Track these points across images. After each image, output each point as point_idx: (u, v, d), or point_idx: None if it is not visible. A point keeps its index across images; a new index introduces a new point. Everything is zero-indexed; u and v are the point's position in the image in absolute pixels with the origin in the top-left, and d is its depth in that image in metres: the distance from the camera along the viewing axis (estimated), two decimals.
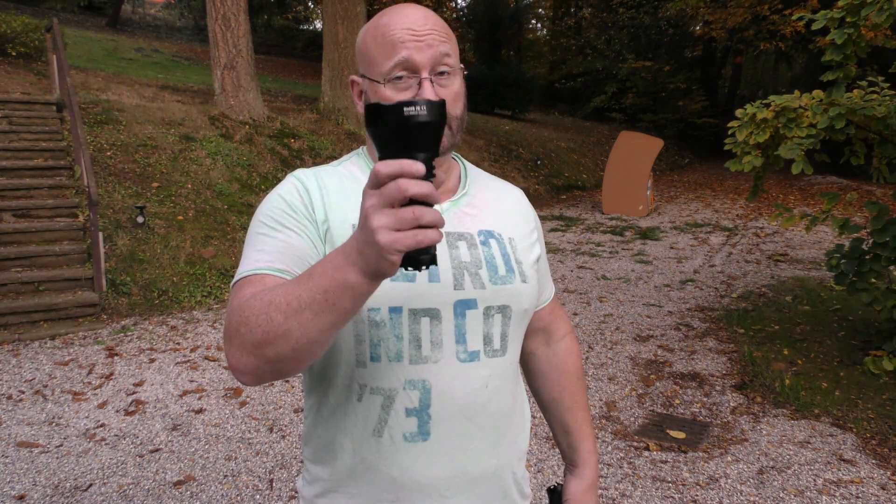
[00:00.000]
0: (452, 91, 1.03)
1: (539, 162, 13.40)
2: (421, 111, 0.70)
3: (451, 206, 1.10)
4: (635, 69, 19.47)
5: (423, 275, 1.01)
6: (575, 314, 5.65)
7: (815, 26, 4.23)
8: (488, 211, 1.14)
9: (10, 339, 4.79)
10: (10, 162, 6.27)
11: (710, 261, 7.77)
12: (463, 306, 1.03)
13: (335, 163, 1.15)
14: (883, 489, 3.07)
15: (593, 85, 21.00)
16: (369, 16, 12.88)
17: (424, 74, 1.00)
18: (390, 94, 1.01)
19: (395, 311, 1.00)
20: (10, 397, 3.92)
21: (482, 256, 1.07)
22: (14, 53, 10.03)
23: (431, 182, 0.71)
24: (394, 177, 0.66)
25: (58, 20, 8.52)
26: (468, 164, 1.21)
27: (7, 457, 3.27)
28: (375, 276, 0.71)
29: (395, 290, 0.99)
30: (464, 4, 25.78)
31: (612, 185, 10.90)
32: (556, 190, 12.81)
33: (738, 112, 5.02)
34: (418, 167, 0.67)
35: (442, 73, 1.02)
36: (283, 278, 0.92)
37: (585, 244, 8.59)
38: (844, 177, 13.92)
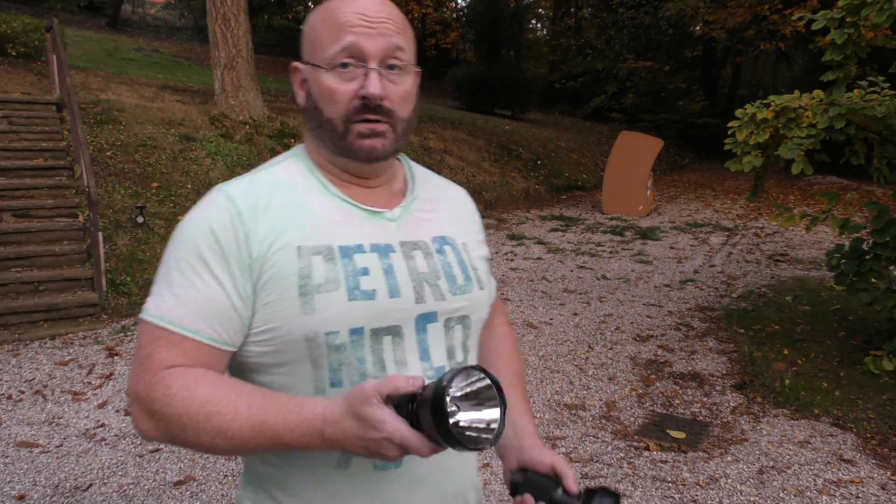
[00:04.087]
0: (401, 89, 0.96)
1: (539, 162, 13.40)
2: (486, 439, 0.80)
3: (403, 212, 1.02)
4: (635, 69, 19.45)
5: (383, 290, 0.94)
6: (575, 314, 5.65)
7: (815, 26, 4.23)
8: (439, 215, 1.07)
9: (10, 339, 4.79)
10: (10, 162, 6.27)
11: (710, 261, 7.77)
12: (424, 320, 0.97)
13: (270, 164, 1.03)
14: (883, 489, 3.07)
15: (593, 85, 20.98)
16: None
17: (373, 65, 0.93)
18: (333, 84, 0.94)
19: (355, 332, 0.92)
20: (10, 397, 3.92)
21: (439, 266, 1.00)
22: (14, 53, 10.02)
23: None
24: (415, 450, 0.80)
25: (58, 20, 8.52)
26: (412, 164, 1.13)
27: (7, 457, 3.27)
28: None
29: (355, 310, 0.92)
30: (464, 4, 25.78)
31: (612, 185, 10.90)
32: (556, 190, 12.81)
33: (738, 112, 5.02)
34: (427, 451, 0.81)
35: (392, 68, 0.94)
36: (201, 342, 0.90)
37: (585, 244, 8.59)
38: (844, 177, 13.90)
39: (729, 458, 3.35)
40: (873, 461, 3.33)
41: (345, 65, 0.93)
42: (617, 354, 4.76)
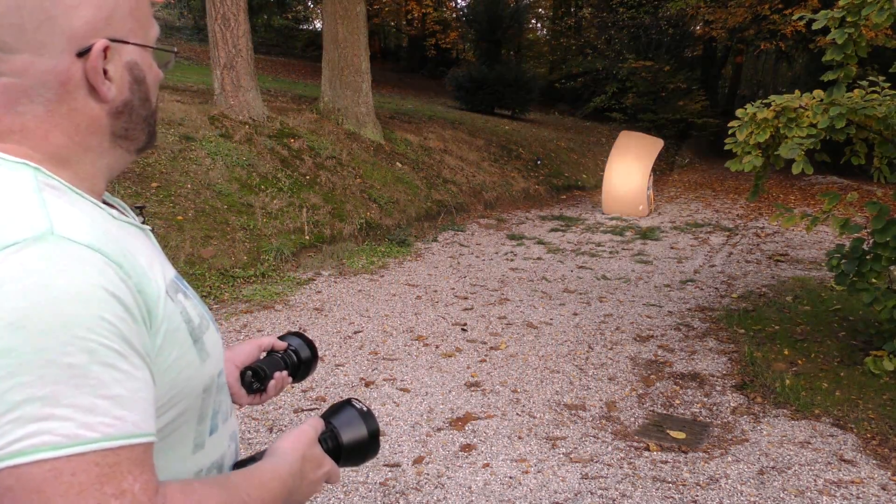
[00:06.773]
0: None
1: (539, 162, 13.39)
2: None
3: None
4: (635, 69, 19.44)
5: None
6: (575, 314, 5.65)
7: (815, 26, 4.22)
8: None
9: None
10: None
11: (710, 261, 7.77)
12: None
13: (60, 200, 0.69)
14: (883, 489, 3.07)
15: (593, 85, 20.97)
16: (369, 15, 12.83)
17: None
18: (159, 73, 0.82)
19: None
20: None
21: None
22: None
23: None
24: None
25: None
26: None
27: None
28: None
29: (220, 340, 0.86)
30: (464, 4, 25.78)
31: (612, 185, 10.89)
32: (556, 190, 12.80)
33: (739, 112, 5.01)
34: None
35: None
36: (152, 443, 0.66)
37: (585, 244, 8.58)
38: (845, 177, 13.90)
39: (729, 459, 3.34)
40: (874, 461, 3.32)
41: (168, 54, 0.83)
42: (617, 354, 4.75)
